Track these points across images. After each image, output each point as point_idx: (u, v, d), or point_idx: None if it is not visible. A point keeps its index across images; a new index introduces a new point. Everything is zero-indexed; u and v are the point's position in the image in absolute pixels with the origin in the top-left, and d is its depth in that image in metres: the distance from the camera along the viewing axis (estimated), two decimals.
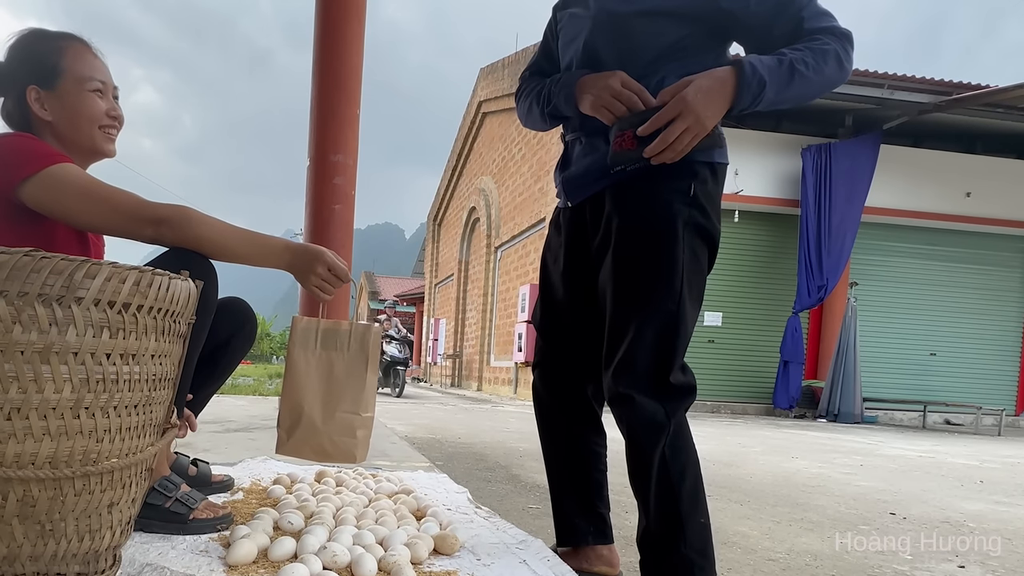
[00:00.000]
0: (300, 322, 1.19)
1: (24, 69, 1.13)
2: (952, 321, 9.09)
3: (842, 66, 0.99)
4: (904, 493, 2.68)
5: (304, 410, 1.15)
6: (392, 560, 1.02)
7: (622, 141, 0.99)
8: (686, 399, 1.06)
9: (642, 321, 1.04)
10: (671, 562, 1.03)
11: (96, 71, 1.18)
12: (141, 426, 0.85)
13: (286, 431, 1.18)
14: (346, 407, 1.14)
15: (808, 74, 0.96)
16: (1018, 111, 7.85)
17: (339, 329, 1.16)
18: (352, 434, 1.14)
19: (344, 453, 1.16)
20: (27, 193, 1.02)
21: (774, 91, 0.95)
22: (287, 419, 1.18)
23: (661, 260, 1.04)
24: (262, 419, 3.52)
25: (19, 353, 0.71)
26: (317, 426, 1.14)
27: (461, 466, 2.80)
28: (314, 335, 1.16)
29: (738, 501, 2.31)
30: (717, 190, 1.10)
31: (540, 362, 1.30)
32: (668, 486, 1.03)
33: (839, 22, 1.02)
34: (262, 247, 1.15)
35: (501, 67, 11.82)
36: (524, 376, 10.18)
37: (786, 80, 0.95)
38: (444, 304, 17.31)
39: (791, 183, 8.55)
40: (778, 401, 8.43)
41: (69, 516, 0.78)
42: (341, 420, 1.14)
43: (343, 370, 1.14)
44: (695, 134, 0.95)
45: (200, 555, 1.05)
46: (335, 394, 1.14)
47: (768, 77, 0.94)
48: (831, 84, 1.00)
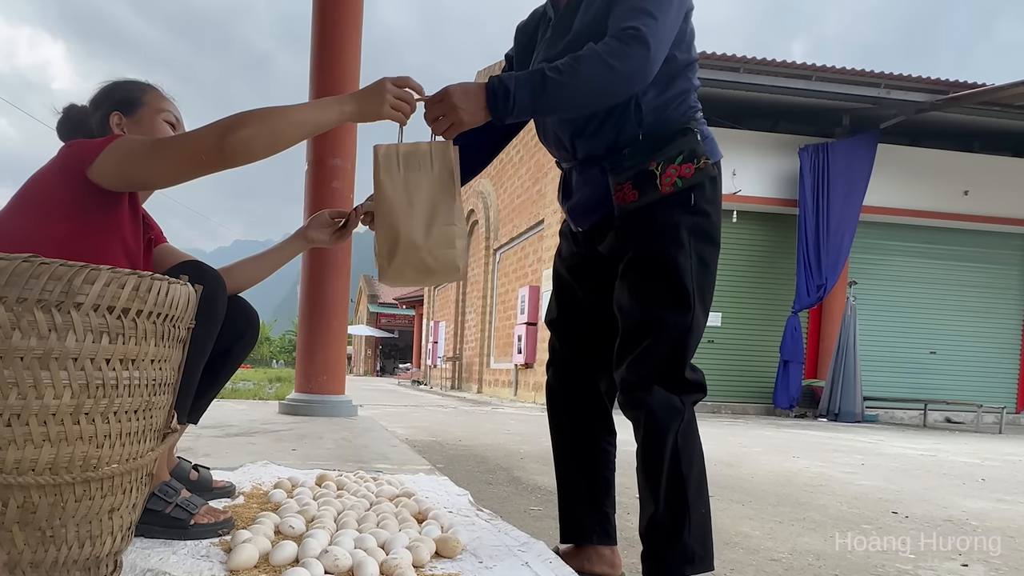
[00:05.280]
0: (381, 149, 1.15)
1: (111, 98, 1.29)
2: (952, 319, 9.10)
3: (608, 64, 0.99)
4: (906, 492, 2.68)
5: (401, 231, 1.12)
6: (394, 563, 1.02)
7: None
8: (697, 394, 1.14)
9: (657, 332, 1.11)
10: (675, 550, 1.08)
11: (171, 107, 1.34)
12: (141, 431, 0.85)
13: (385, 258, 1.14)
14: (442, 220, 1.11)
15: (562, 79, 0.99)
16: (1015, 109, 7.87)
17: (419, 150, 1.13)
18: (452, 244, 1.11)
19: (447, 265, 1.12)
20: (99, 169, 1.04)
21: (527, 96, 1.01)
22: (384, 246, 1.14)
23: (671, 274, 1.11)
24: (262, 423, 3.52)
25: (18, 359, 0.71)
26: (417, 243, 1.11)
27: (462, 468, 2.79)
28: (395, 160, 1.14)
29: (740, 501, 2.31)
30: (717, 190, 1.15)
31: (554, 361, 1.35)
32: (678, 472, 1.09)
33: (651, 19, 1.00)
34: (322, 105, 1.11)
35: (498, 69, 11.81)
36: (524, 378, 10.17)
37: (539, 86, 1.00)
38: (443, 307, 17.31)
39: (789, 183, 8.56)
40: (778, 401, 8.42)
41: (70, 522, 0.78)
42: (439, 233, 1.11)
43: (431, 187, 1.12)
44: (452, 121, 1.05)
45: (201, 560, 1.04)
46: (428, 210, 1.12)
47: (514, 86, 1.01)
48: (602, 85, 1.00)
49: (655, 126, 1.12)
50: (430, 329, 17.60)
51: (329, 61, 4.32)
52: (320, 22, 4.33)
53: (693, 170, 1.10)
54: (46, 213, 1.06)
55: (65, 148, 1.11)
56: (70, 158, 1.07)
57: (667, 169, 1.10)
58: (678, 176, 1.10)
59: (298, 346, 4.44)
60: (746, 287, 8.75)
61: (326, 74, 4.33)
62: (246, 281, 1.45)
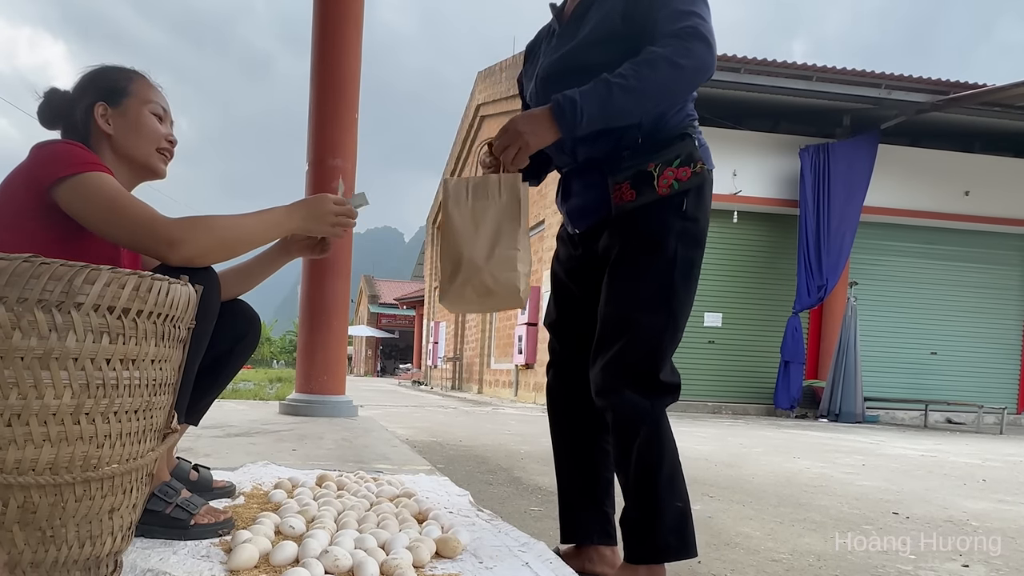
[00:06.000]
0: (451, 182, 1.20)
1: (95, 87, 1.23)
2: (952, 320, 9.09)
3: (674, 63, 1.02)
4: (907, 492, 2.68)
5: (464, 253, 1.15)
6: (394, 564, 1.02)
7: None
8: (670, 396, 1.15)
9: (631, 333, 1.13)
10: (649, 543, 1.12)
11: (158, 98, 1.29)
12: (141, 431, 0.85)
13: (447, 279, 1.18)
14: (505, 244, 1.14)
15: (628, 83, 1.02)
16: (1015, 110, 7.87)
17: (488, 181, 1.17)
18: (513, 268, 1.13)
19: (507, 288, 1.13)
20: (60, 194, 1.04)
21: (595, 105, 1.04)
22: (447, 269, 1.18)
23: (649, 276, 1.13)
24: (263, 423, 3.52)
25: (19, 359, 0.71)
26: (479, 264, 1.14)
27: (462, 469, 2.79)
28: (465, 191, 1.18)
29: (740, 502, 2.31)
30: (708, 197, 1.18)
31: (554, 362, 1.36)
32: (647, 473, 1.12)
33: (699, 18, 1.05)
34: (270, 223, 1.19)
35: (498, 70, 11.84)
36: (524, 378, 10.17)
37: (604, 94, 1.03)
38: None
39: (789, 183, 8.56)
40: (779, 401, 8.42)
41: (70, 522, 0.78)
42: (502, 255, 1.13)
43: (497, 214, 1.15)
44: (519, 146, 1.10)
45: (202, 560, 1.04)
46: (492, 235, 1.15)
47: (580, 97, 1.04)
48: (670, 84, 1.04)
49: (654, 131, 1.15)
50: (430, 329, 17.59)
51: (329, 61, 4.32)
52: (320, 22, 4.33)
53: (690, 174, 1.13)
54: (15, 215, 1.06)
55: (36, 151, 1.08)
56: (38, 168, 1.06)
57: (664, 171, 1.12)
58: (675, 178, 1.12)
59: (298, 346, 4.44)
60: (747, 288, 8.74)
61: (326, 74, 4.33)
62: (226, 295, 1.37)
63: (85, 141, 1.20)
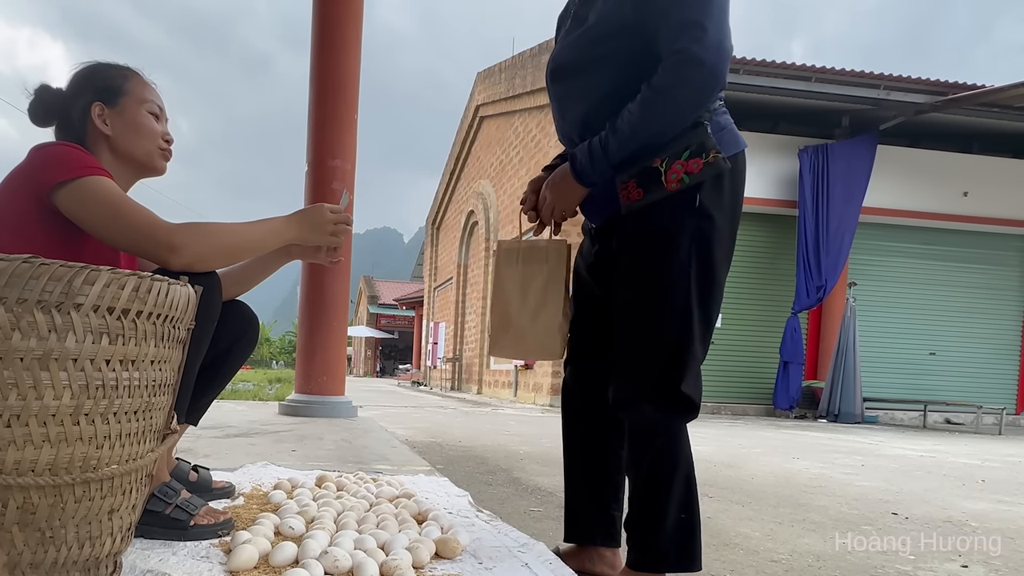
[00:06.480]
0: (504, 244, 1.34)
1: (90, 87, 1.23)
2: (951, 320, 9.10)
3: (666, 97, 1.00)
4: (906, 493, 2.68)
5: (513, 318, 1.30)
6: (394, 564, 1.02)
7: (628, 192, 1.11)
8: (688, 413, 1.10)
9: (650, 349, 1.09)
10: (649, 552, 1.10)
11: (154, 96, 1.29)
12: (141, 432, 0.85)
13: (498, 332, 1.33)
14: (550, 310, 1.25)
15: (623, 127, 1.05)
16: (1014, 110, 7.87)
17: (537, 246, 1.29)
18: (555, 335, 1.25)
19: (547, 350, 1.26)
20: (60, 198, 1.04)
21: (615, 144, 1.06)
22: (498, 326, 1.33)
23: (665, 289, 1.08)
24: (262, 424, 3.51)
25: (18, 360, 0.71)
26: (525, 329, 1.28)
27: (462, 469, 2.79)
28: (516, 254, 1.31)
29: (740, 502, 2.31)
30: (728, 188, 1.10)
31: (571, 359, 1.34)
32: (655, 480, 1.10)
33: (699, 30, 0.98)
34: (269, 232, 1.21)
35: (498, 71, 11.84)
36: (524, 379, 10.17)
37: (602, 148, 1.07)
38: (443, 307, 17.30)
39: (788, 184, 8.56)
40: (778, 402, 8.42)
41: (69, 523, 0.78)
42: (545, 322, 1.26)
43: (544, 280, 1.27)
44: (553, 207, 1.20)
45: (201, 561, 1.04)
46: (539, 301, 1.27)
47: (589, 145, 1.09)
48: (667, 115, 1.02)
49: None
50: (430, 330, 17.58)
51: (329, 62, 4.32)
52: (320, 22, 4.34)
53: (701, 165, 1.04)
54: (14, 217, 1.06)
55: (35, 154, 1.08)
56: (37, 172, 1.06)
57: (672, 165, 1.04)
58: (684, 172, 1.04)
59: (298, 347, 4.44)
60: (746, 288, 8.75)
61: (326, 75, 4.33)
62: (225, 295, 1.39)
63: (81, 141, 1.20)
